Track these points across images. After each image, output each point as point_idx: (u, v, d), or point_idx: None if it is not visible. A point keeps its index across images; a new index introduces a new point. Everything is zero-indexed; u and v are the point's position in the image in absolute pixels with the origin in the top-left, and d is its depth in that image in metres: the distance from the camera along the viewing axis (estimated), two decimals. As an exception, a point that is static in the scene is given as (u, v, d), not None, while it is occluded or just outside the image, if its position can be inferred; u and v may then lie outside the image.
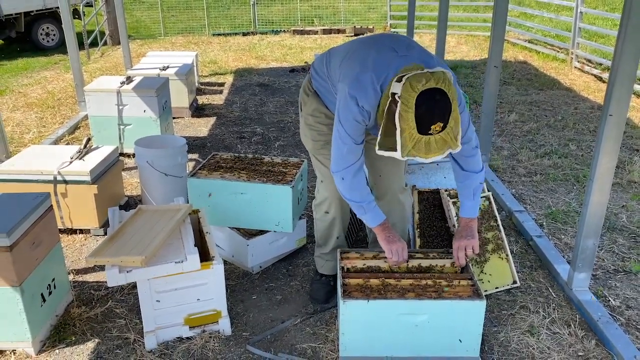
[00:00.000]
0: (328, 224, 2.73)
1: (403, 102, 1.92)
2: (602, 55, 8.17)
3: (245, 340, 2.57)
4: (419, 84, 1.92)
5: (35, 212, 2.48)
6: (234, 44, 10.88)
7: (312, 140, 2.65)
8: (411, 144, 1.93)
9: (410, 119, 1.91)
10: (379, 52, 2.22)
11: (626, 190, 4.12)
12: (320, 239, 2.84)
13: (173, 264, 2.36)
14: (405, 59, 2.14)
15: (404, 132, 1.93)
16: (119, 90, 4.63)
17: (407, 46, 2.25)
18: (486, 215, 2.99)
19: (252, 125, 5.78)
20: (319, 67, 2.54)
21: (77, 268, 3.14)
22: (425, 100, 1.91)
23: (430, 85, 1.92)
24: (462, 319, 2.28)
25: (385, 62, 2.15)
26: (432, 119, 1.92)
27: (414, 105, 1.91)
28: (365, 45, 2.32)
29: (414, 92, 1.91)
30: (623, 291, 2.93)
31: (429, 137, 1.92)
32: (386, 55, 2.19)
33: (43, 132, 5.50)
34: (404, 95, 1.92)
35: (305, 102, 2.63)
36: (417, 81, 1.93)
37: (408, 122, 1.92)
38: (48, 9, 10.72)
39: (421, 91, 1.91)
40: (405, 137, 1.93)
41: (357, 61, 2.24)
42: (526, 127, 5.59)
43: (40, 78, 8.13)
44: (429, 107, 1.91)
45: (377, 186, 2.76)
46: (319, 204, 2.75)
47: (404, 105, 1.92)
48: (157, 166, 3.54)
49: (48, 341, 2.54)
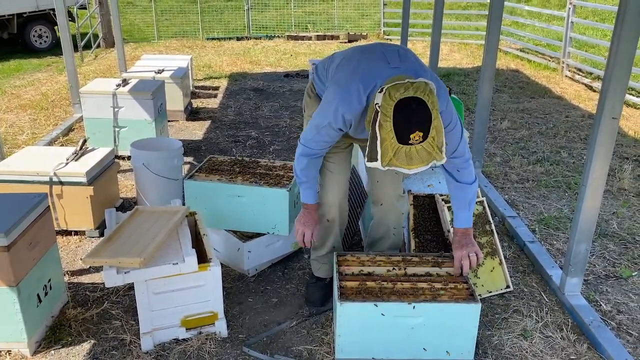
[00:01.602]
0: (326, 227, 2.75)
1: (382, 111, 1.94)
2: (592, 64, 8.28)
3: (242, 342, 2.58)
4: (397, 92, 1.93)
5: (33, 212, 2.48)
6: (228, 48, 10.90)
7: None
8: (391, 153, 1.93)
9: (389, 128, 1.92)
10: (370, 62, 2.25)
11: (616, 198, 4.18)
12: (317, 241, 2.84)
13: (171, 265, 2.37)
14: (395, 71, 2.16)
15: (384, 141, 1.93)
16: (115, 93, 4.64)
17: (401, 57, 2.26)
18: (480, 220, 3.02)
19: (247, 129, 5.80)
20: (321, 71, 2.57)
21: (72, 269, 3.14)
22: (402, 108, 1.92)
23: (407, 94, 1.93)
24: (457, 322, 2.31)
25: (375, 73, 2.18)
26: (410, 127, 1.91)
27: (391, 114, 1.92)
28: (360, 54, 2.35)
29: (391, 101, 1.93)
30: (614, 296, 2.97)
31: (409, 147, 1.91)
32: (377, 65, 2.22)
33: (37, 134, 5.48)
34: (383, 104, 1.94)
35: (307, 105, 2.66)
36: (395, 90, 1.94)
37: (387, 131, 1.92)
38: (41, 10, 10.69)
39: (398, 100, 1.92)
40: (386, 147, 1.93)
41: (348, 69, 2.29)
42: (518, 135, 5.65)
43: (33, 80, 8.10)
44: (406, 115, 1.91)
45: (374, 192, 2.79)
46: (320, 205, 2.72)
47: (383, 114, 1.93)
48: (153, 168, 3.54)
49: (43, 342, 2.53)
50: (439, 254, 2.68)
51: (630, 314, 2.83)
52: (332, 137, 2.37)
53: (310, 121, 2.41)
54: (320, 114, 2.32)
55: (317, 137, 2.37)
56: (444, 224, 2.99)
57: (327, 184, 2.66)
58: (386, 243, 2.87)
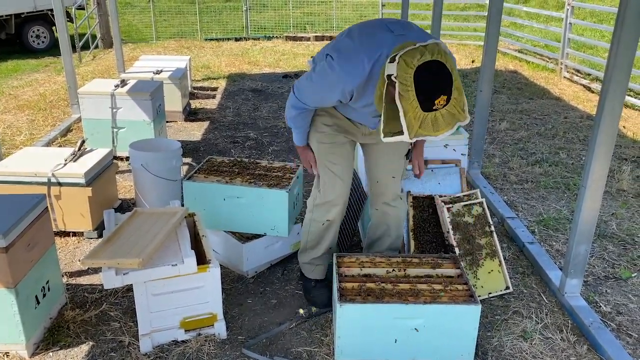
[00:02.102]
0: (325, 226, 2.73)
1: (401, 81, 1.84)
2: (590, 65, 8.29)
3: (241, 343, 2.57)
4: (413, 59, 1.84)
5: (31, 213, 2.47)
6: (226, 49, 10.88)
7: (318, 143, 2.61)
8: (417, 123, 1.85)
9: (411, 98, 1.83)
10: (373, 32, 2.17)
11: (615, 199, 4.18)
12: (311, 242, 2.80)
13: (170, 266, 2.36)
14: (401, 38, 2.06)
15: (407, 112, 1.85)
16: (113, 93, 4.63)
17: (404, 26, 2.18)
18: (480, 222, 3.02)
19: (246, 130, 5.79)
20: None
21: (70, 271, 3.12)
22: (422, 75, 1.83)
23: (425, 59, 1.84)
24: (457, 324, 2.31)
25: (379, 42, 2.08)
26: (434, 93, 1.83)
27: (412, 83, 1.83)
28: (361, 26, 2.30)
29: (410, 69, 1.83)
30: (614, 297, 2.97)
31: (434, 114, 1.84)
32: (380, 34, 2.13)
33: (35, 135, 5.46)
34: (401, 74, 1.85)
35: None
36: (411, 57, 1.85)
37: (410, 101, 1.84)
38: (39, 11, 10.66)
39: (417, 66, 1.83)
40: (410, 118, 1.85)
41: (350, 39, 2.22)
42: (517, 136, 5.65)
43: (31, 80, 8.07)
44: (428, 81, 1.83)
45: (373, 192, 2.78)
46: (320, 204, 2.69)
47: (402, 85, 1.84)
48: (152, 169, 3.53)
49: (42, 344, 2.52)
50: (438, 255, 2.68)
51: (630, 315, 2.82)
52: (328, 103, 2.37)
53: (309, 77, 2.33)
54: (321, 82, 2.27)
55: (313, 96, 2.36)
56: (443, 224, 2.99)
57: (331, 186, 2.64)
58: (385, 243, 2.86)
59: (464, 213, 3.00)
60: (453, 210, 2.99)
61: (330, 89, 2.25)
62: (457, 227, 2.95)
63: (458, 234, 2.93)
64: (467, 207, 3.02)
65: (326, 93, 2.31)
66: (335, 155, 2.61)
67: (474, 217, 3.01)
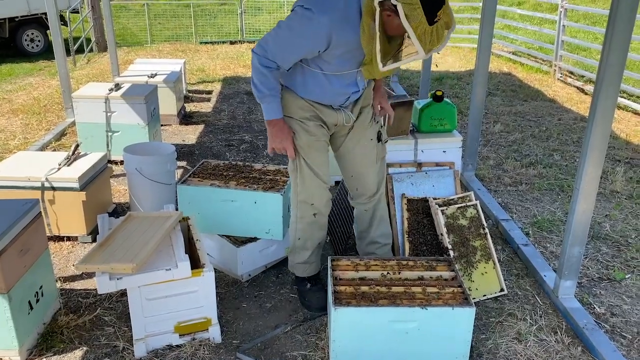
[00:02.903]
0: (312, 221, 2.71)
1: (405, 2, 1.91)
2: (584, 67, 8.33)
3: (236, 348, 2.56)
4: None
5: (24, 218, 2.46)
6: (221, 52, 10.88)
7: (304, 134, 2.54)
8: (428, 38, 1.94)
9: (419, 15, 1.91)
10: None
11: (609, 200, 4.20)
12: (300, 240, 2.78)
13: (163, 271, 2.36)
14: None
15: (417, 30, 1.93)
16: (108, 97, 4.62)
17: None
18: (474, 224, 3.03)
19: (241, 133, 5.79)
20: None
21: (64, 275, 3.11)
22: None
23: None
24: (451, 326, 2.31)
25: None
26: (439, 6, 1.94)
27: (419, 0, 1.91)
28: None
29: None
30: (607, 299, 2.98)
31: (436, 25, 1.94)
32: None
33: (29, 139, 5.45)
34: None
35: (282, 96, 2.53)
36: None
37: (419, 18, 1.91)
38: (33, 14, 10.64)
39: None
40: (420, 35, 1.94)
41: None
42: (511, 138, 5.67)
43: (25, 84, 8.05)
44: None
45: (351, 186, 2.79)
46: (303, 200, 2.66)
47: (408, 5, 1.91)
48: (146, 173, 3.53)
49: (35, 349, 2.51)
50: (433, 258, 2.68)
51: (623, 317, 2.83)
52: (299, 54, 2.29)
53: (277, 27, 2.27)
54: (295, 28, 2.21)
55: (285, 47, 2.27)
56: (437, 227, 2.99)
57: (313, 186, 2.63)
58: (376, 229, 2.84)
59: (458, 215, 3.01)
60: (447, 212, 2.99)
61: (304, 33, 2.20)
62: (451, 229, 2.96)
63: (452, 237, 2.94)
64: (461, 209, 3.03)
65: (299, 39, 2.23)
66: (315, 149, 2.58)
67: (468, 219, 3.02)
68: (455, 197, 3.12)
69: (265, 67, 2.33)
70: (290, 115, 2.55)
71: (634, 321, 2.80)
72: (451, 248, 2.89)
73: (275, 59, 2.31)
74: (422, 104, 3.42)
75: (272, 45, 2.30)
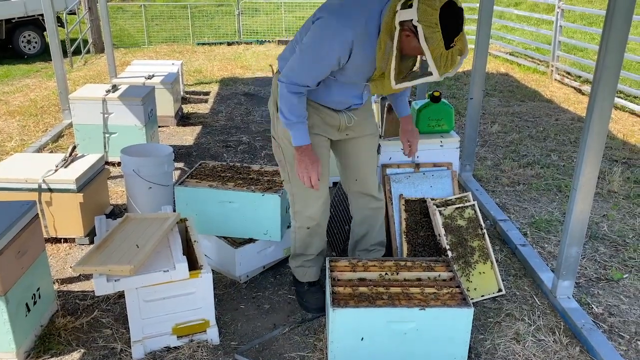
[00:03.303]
0: (310, 231, 2.72)
1: (426, 24, 1.97)
2: (581, 68, 8.35)
3: (234, 349, 2.56)
4: (434, 2, 1.97)
5: (21, 220, 2.46)
6: (218, 53, 10.88)
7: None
8: (443, 61, 2.01)
9: (438, 39, 1.97)
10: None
11: (606, 200, 4.21)
12: (299, 248, 2.79)
13: (161, 272, 2.35)
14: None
15: (434, 52, 2.00)
16: (105, 99, 4.61)
17: None
18: (472, 225, 3.03)
19: (238, 134, 5.79)
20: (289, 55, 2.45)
21: (62, 277, 3.10)
22: (447, 16, 1.98)
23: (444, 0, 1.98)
24: (450, 327, 2.31)
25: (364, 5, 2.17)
26: (457, 31, 2.01)
27: (439, 24, 1.96)
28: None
29: (435, 11, 1.96)
30: (605, 299, 2.98)
31: (452, 50, 2.01)
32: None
33: (26, 140, 5.43)
34: (425, 18, 1.97)
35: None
36: (431, 0, 1.98)
37: (437, 42, 1.98)
38: (30, 16, 10.61)
39: (441, 8, 1.97)
40: (436, 57, 2.01)
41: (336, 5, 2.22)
42: (509, 138, 5.68)
43: (22, 86, 8.03)
44: (453, 20, 1.99)
45: (353, 190, 2.80)
46: (299, 210, 2.67)
47: (427, 27, 1.97)
48: (143, 175, 3.52)
49: (33, 352, 2.50)
50: (431, 259, 2.68)
51: (621, 317, 2.84)
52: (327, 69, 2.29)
53: (300, 52, 2.27)
54: (318, 45, 2.21)
55: (312, 67, 2.28)
56: (435, 227, 2.99)
57: (307, 196, 2.62)
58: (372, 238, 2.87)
59: (456, 216, 3.01)
60: (445, 213, 2.99)
61: (329, 48, 2.20)
62: (449, 230, 2.96)
63: (450, 237, 2.94)
64: (459, 209, 3.03)
65: (326, 55, 2.22)
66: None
67: (466, 219, 3.02)
68: (453, 197, 3.12)
69: (294, 94, 2.33)
70: None
71: (632, 321, 2.81)
72: (449, 248, 2.89)
73: (305, 82, 2.32)
74: (419, 105, 3.41)
75: (298, 70, 2.30)
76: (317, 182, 2.48)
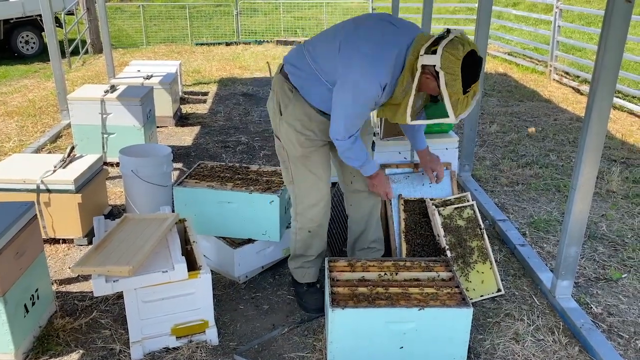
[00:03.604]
0: (312, 233, 2.72)
1: (448, 72, 2.08)
2: (579, 67, 8.36)
3: (233, 350, 2.55)
4: (458, 52, 2.08)
5: (19, 221, 2.45)
6: (217, 53, 10.87)
7: (300, 147, 2.55)
8: (460, 105, 2.14)
9: (457, 86, 2.09)
10: (384, 30, 2.26)
11: (605, 200, 4.21)
12: (299, 249, 2.79)
13: (160, 273, 2.35)
14: (407, 31, 2.25)
15: (452, 97, 2.12)
16: (103, 99, 4.60)
17: (398, 20, 2.33)
18: (471, 224, 3.02)
19: (237, 134, 5.78)
20: (298, 61, 2.47)
21: (60, 278, 3.10)
22: (468, 65, 2.09)
23: (467, 50, 2.09)
24: (449, 327, 2.31)
25: (392, 37, 2.23)
26: (475, 79, 2.13)
27: (459, 72, 2.08)
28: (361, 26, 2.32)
29: (457, 61, 2.07)
30: (604, 298, 2.99)
31: (468, 94, 2.14)
32: (387, 29, 2.25)
33: (24, 141, 5.42)
34: (448, 65, 2.07)
35: (287, 104, 2.52)
36: (455, 49, 2.08)
37: (456, 88, 2.10)
38: (28, 16, 10.60)
39: (463, 58, 2.08)
40: (454, 102, 2.13)
41: (364, 40, 2.25)
42: (507, 138, 5.68)
43: (20, 86, 8.02)
44: (473, 70, 2.11)
45: (349, 188, 2.81)
46: (302, 211, 2.67)
47: (449, 74, 2.08)
48: (142, 175, 3.51)
49: (31, 353, 2.49)
50: (430, 259, 2.68)
51: (620, 316, 2.84)
52: (370, 107, 2.39)
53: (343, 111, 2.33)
54: (359, 94, 2.27)
55: (362, 118, 2.40)
56: (434, 227, 2.99)
57: (313, 189, 2.63)
58: (370, 235, 2.88)
59: (455, 216, 3.01)
60: (444, 213, 2.99)
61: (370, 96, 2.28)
62: (448, 230, 2.96)
63: (449, 237, 2.94)
64: (458, 209, 3.03)
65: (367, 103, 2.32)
66: (315, 157, 2.58)
67: (465, 219, 3.02)
68: (452, 197, 3.12)
69: (354, 143, 2.44)
70: (291, 123, 2.53)
71: (631, 321, 2.81)
72: (448, 248, 2.89)
73: (357, 128, 2.42)
74: (418, 105, 3.41)
75: (349, 125, 2.38)
76: (391, 196, 2.77)
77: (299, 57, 2.48)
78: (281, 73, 2.56)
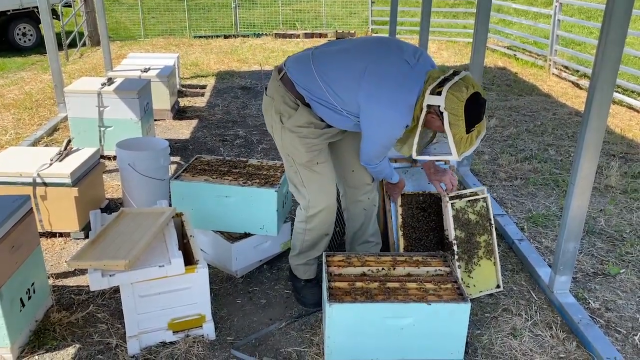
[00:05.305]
0: (321, 233, 2.71)
1: (452, 113, 2.16)
2: (578, 62, 8.33)
3: (230, 344, 2.55)
4: (462, 94, 2.15)
5: (15, 214, 2.43)
6: (215, 46, 10.82)
7: (307, 152, 2.51)
8: (463, 144, 2.21)
9: (461, 126, 2.17)
10: (400, 68, 2.28)
11: (604, 195, 4.20)
12: (307, 247, 2.77)
13: (157, 267, 2.33)
14: (420, 69, 2.29)
15: (455, 136, 2.19)
16: (100, 92, 4.57)
17: (413, 54, 2.33)
18: (481, 218, 2.94)
19: (235, 128, 5.76)
20: (303, 81, 2.41)
21: (57, 272, 3.08)
22: (471, 106, 2.17)
23: (470, 92, 2.16)
24: (447, 322, 2.30)
25: (411, 80, 2.27)
26: (479, 119, 2.21)
27: (463, 114, 2.15)
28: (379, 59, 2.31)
29: (461, 102, 2.15)
30: (602, 293, 2.98)
31: (472, 134, 2.21)
32: (404, 69, 2.28)
33: (20, 134, 5.40)
34: (452, 106, 2.15)
35: (290, 115, 2.47)
36: (459, 92, 2.15)
37: (459, 128, 2.18)
38: (25, 8, 10.53)
39: (466, 100, 2.15)
40: (457, 141, 2.20)
41: (385, 79, 2.28)
42: (506, 132, 5.67)
43: (17, 79, 7.98)
44: (477, 111, 2.19)
45: (349, 183, 2.80)
46: (315, 214, 2.63)
47: (452, 115, 2.16)
48: (139, 169, 3.50)
49: (27, 347, 2.48)
50: (428, 254, 2.67)
51: (618, 312, 2.84)
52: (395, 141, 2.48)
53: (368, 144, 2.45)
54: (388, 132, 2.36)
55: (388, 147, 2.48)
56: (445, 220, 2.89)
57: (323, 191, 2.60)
58: (368, 229, 2.88)
59: (467, 209, 2.93)
60: (456, 206, 2.93)
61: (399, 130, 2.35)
62: (458, 223, 2.89)
63: (458, 232, 2.89)
64: (471, 202, 2.96)
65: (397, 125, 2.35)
66: (321, 158, 2.57)
67: (476, 213, 2.94)
68: (467, 191, 3.03)
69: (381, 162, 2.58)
70: (295, 130, 2.48)
71: (629, 316, 2.81)
72: (456, 243, 2.84)
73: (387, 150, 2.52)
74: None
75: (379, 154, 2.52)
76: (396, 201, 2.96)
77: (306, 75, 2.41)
78: (282, 80, 2.48)
